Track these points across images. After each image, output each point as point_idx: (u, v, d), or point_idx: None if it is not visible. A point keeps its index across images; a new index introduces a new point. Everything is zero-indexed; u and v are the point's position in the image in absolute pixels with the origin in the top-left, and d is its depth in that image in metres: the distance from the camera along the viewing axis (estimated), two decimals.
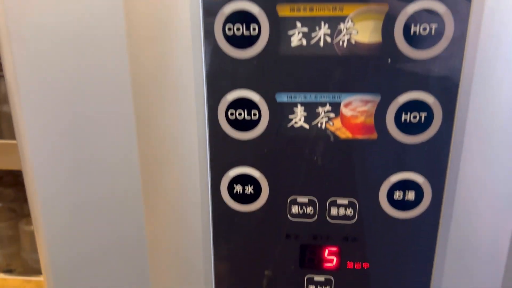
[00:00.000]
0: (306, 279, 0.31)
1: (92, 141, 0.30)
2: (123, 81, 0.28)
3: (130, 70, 0.28)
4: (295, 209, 0.30)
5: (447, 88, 0.26)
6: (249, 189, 0.30)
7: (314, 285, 0.31)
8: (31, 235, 0.76)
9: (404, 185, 0.28)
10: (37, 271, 0.78)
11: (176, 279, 0.33)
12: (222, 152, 0.29)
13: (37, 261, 0.79)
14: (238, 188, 0.30)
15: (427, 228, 0.29)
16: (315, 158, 0.28)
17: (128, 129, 0.29)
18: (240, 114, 0.28)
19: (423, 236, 0.29)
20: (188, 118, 0.28)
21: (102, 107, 0.29)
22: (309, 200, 0.29)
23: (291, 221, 0.30)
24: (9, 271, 0.81)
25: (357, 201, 0.29)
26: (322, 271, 0.31)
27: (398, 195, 0.28)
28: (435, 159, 0.27)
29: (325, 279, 0.31)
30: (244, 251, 0.31)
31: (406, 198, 0.28)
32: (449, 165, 0.27)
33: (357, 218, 0.29)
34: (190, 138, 0.29)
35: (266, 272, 0.31)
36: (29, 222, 0.77)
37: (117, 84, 0.28)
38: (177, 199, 0.30)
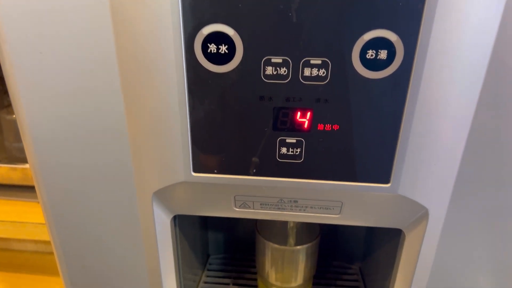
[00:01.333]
0: (278, 141, 0.32)
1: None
2: None
3: None
4: (269, 70, 0.30)
5: None
6: (223, 49, 0.29)
7: (285, 147, 0.32)
8: (13, 124, 0.77)
9: (377, 43, 0.28)
10: (22, 160, 0.80)
11: (154, 144, 0.33)
12: (194, 8, 0.28)
13: (21, 150, 0.80)
14: (212, 47, 0.29)
15: (398, 88, 0.29)
16: (289, 14, 0.28)
17: None
18: None
19: (393, 96, 0.29)
20: None
21: None
22: (283, 60, 0.29)
23: (265, 82, 0.30)
24: None
25: (330, 61, 0.29)
26: (293, 133, 0.32)
27: (370, 54, 0.28)
28: (409, 16, 0.27)
29: (296, 140, 0.32)
30: (218, 113, 0.32)
31: (378, 57, 0.28)
32: (422, 22, 0.27)
33: (330, 79, 0.30)
34: None
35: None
36: (10, 112, 0.77)
37: None
38: (151, 61, 0.30)
